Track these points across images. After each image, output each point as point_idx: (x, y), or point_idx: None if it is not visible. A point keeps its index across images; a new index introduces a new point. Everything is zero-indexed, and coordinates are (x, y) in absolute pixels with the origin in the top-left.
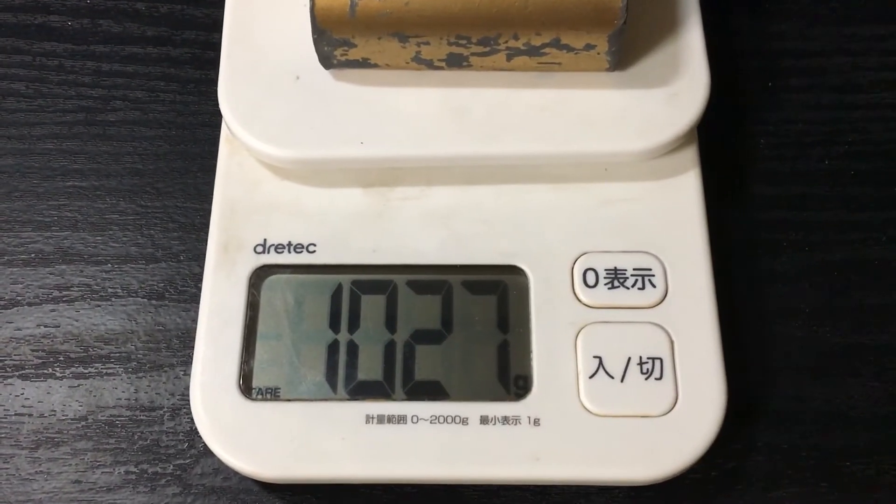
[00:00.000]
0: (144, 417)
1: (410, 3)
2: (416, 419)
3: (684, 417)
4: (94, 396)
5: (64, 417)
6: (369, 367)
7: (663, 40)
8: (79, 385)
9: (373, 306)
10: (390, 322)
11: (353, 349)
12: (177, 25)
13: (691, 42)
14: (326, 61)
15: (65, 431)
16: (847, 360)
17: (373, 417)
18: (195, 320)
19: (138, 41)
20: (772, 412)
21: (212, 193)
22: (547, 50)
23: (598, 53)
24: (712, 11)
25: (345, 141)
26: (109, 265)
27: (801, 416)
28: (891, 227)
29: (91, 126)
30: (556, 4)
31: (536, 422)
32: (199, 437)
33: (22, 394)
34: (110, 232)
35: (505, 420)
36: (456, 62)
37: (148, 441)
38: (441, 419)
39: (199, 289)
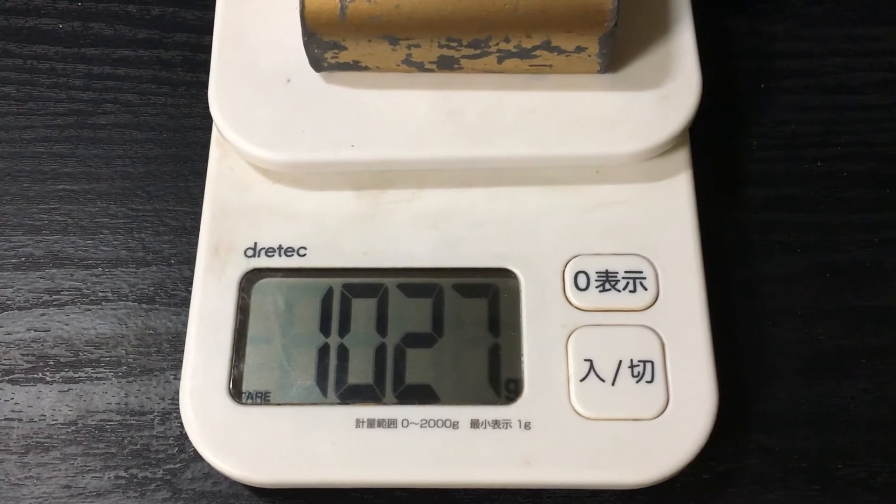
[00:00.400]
0: (134, 422)
1: (400, 6)
2: (406, 423)
3: (675, 420)
4: (84, 401)
5: (54, 422)
6: (360, 371)
7: (654, 42)
8: (69, 389)
9: (364, 310)
10: (381, 325)
11: (343, 353)
12: (168, 28)
13: (683, 44)
14: (317, 64)
15: (55, 436)
16: (839, 362)
17: (363, 421)
18: (186, 324)
19: (129, 44)
20: (764, 415)
21: (203, 197)
22: (538, 52)
23: (589, 55)
24: (705, 12)
25: (336, 144)
26: (100, 269)
27: (793, 418)
28: (884, 228)
29: (82, 129)
30: (547, 7)
31: (527, 425)
32: (189, 441)
33: (12, 398)
34: (101, 235)
35: (496, 424)
36: (447, 65)
37: (138, 445)
38: (431, 423)
39: (190, 292)
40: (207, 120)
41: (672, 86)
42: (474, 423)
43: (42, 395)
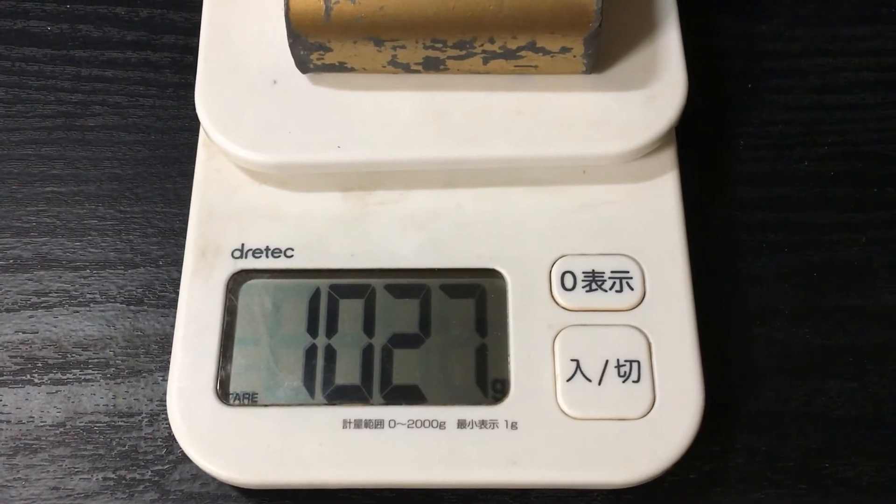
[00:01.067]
0: (123, 423)
1: (385, 7)
2: (393, 423)
3: (662, 420)
4: (73, 403)
5: (42, 424)
6: (347, 372)
7: (640, 42)
8: (57, 391)
9: (351, 310)
10: (368, 326)
11: (330, 354)
12: (156, 30)
13: (668, 44)
14: (303, 65)
15: (43, 438)
16: (826, 361)
17: (350, 422)
18: (174, 325)
19: (118, 46)
20: (751, 414)
21: (190, 198)
22: (523, 53)
23: (575, 56)
24: (692, 12)
25: (322, 145)
26: (88, 271)
27: (781, 417)
28: (870, 228)
29: (70, 131)
30: (531, 7)
31: (514, 425)
32: (177, 442)
33: None
34: (89, 237)
35: (482, 424)
36: (432, 66)
37: (126, 447)
38: (418, 423)
39: (178, 294)
40: (195, 122)
41: (658, 86)
42: (461, 424)
43: (30, 396)
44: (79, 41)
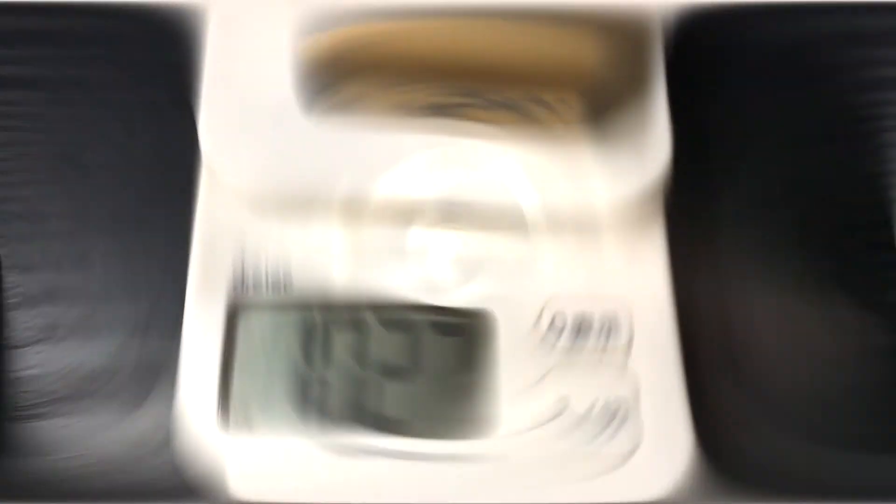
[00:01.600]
0: (132, 455)
1: (393, 55)
2: (383, 456)
3: (649, 461)
4: (83, 436)
5: (56, 459)
6: (339, 403)
7: (630, 98)
8: (66, 426)
9: (345, 343)
10: (361, 359)
11: (324, 385)
12: (156, 68)
13: (655, 100)
14: (308, 104)
15: (55, 473)
16: (813, 404)
17: (342, 453)
18: (178, 356)
19: (117, 84)
20: (738, 457)
21: (193, 231)
22: (523, 104)
23: (571, 108)
24: (678, 67)
25: (324, 181)
26: (93, 304)
27: (768, 460)
28: (856, 277)
29: (72, 169)
30: (534, 63)
31: (500, 462)
32: (184, 472)
33: (12, 437)
34: (94, 271)
35: (470, 459)
36: (436, 111)
37: (136, 479)
38: (407, 456)
39: (181, 325)
40: (197, 156)
41: (646, 139)
42: (449, 458)
43: (42, 431)
44: (75, 83)
